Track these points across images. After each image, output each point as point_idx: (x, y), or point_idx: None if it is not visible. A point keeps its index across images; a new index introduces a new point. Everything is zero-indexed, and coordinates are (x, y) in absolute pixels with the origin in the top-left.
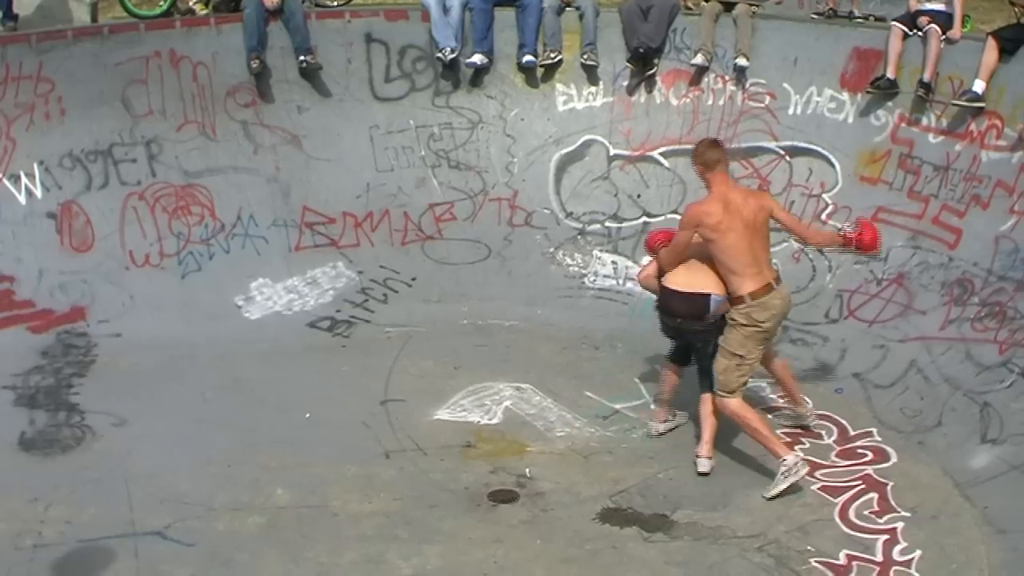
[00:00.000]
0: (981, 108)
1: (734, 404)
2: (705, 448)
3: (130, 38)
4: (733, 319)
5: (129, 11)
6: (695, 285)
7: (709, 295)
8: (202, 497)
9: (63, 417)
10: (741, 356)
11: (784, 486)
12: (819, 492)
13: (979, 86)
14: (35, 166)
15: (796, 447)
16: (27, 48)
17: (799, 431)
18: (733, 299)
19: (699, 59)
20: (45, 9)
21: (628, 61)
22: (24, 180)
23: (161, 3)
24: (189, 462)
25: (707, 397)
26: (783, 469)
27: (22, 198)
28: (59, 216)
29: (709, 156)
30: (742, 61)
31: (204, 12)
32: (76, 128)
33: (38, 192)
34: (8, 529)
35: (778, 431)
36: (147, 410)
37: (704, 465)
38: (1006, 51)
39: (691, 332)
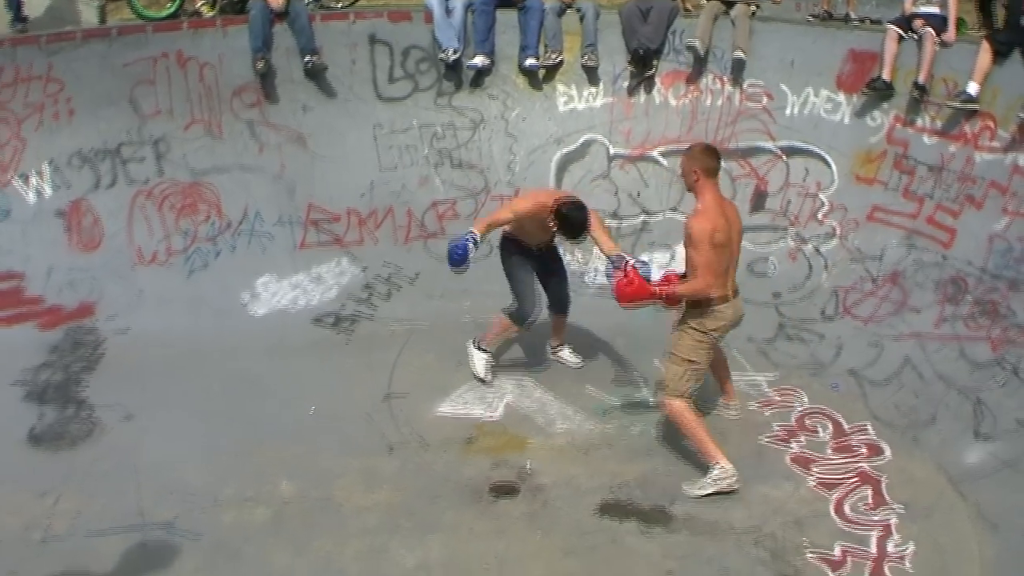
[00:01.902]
0: (975, 110)
1: (678, 405)
2: None
3: (138, 39)
4: (686, 324)
5: (137, 13)
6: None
7: None
8: (209, 489)
9: (72, 411)
10: (692, 362)
11: (710, 490)
12: (814, 486)
13: (973, 88)
14: (44, 165)
15: (792, 441)
16: (37, 49)
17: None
18: (691, 304)
19: (696, 43)
20: (54, 11)
21: (628, 62)
22: (34, 179)
23: (168, 5)
24: (196, 455)
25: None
26: (715, 473)
27: (32, 197)
28: (68, 214)
29: (710, 163)
30: (739, 55)
31: (211, 14)
32: (85, 128)
33: (48, 191)
34: (18, 522)
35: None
36: (155, 404)
37: None
38: (1000, 53)
39: None
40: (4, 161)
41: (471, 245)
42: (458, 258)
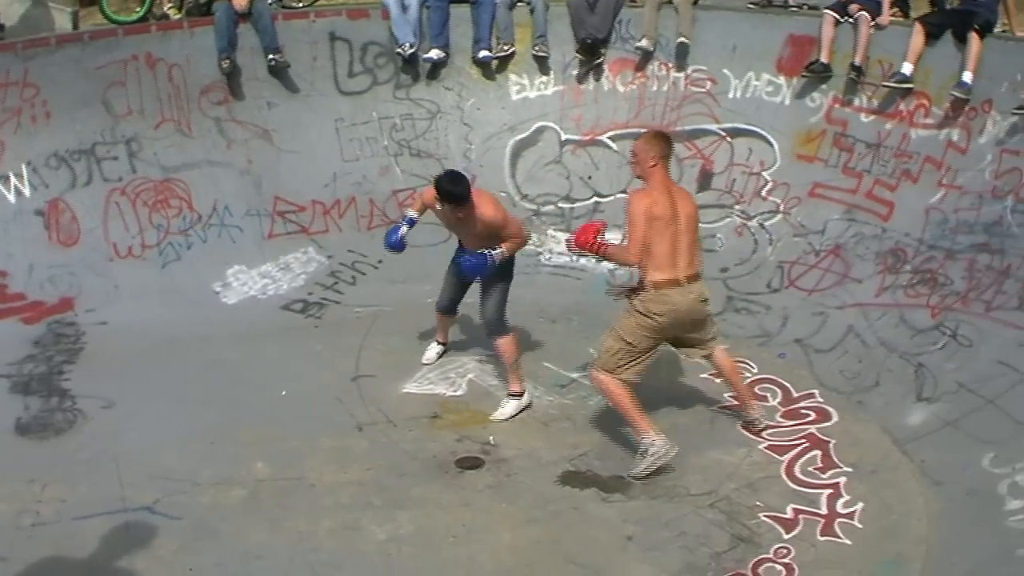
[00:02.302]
0: (910, 89)
1: (603, 378)
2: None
3: (109, 43)
4: (632, 305)
5: (108, 17)
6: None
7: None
8: (187, 473)
9: (55, 402)
10: (629, 344)
11: (646, 464)
12: (766, 451)
13: (907, 68)
14: (23, 167)
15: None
16: (13, 56)
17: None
18: (636, 285)
19: (644, 43)
20: (29, 19)
21: (577, 51)
22: (13, 180)
23: (138, 9)
24: (174, 440)
25: (720, 352)
26: (650, 450)
27: (12, 197)
28: (47, 213)
29: (666, 149)
30: (683, 40)
31: (178, 16)
32: (60, 129)
33: (26, 191)
34: (9, 509)
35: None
36: (133, 392)
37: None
38: (932, 35)
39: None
40: None
41: (404, 227)
42: (392, 241)
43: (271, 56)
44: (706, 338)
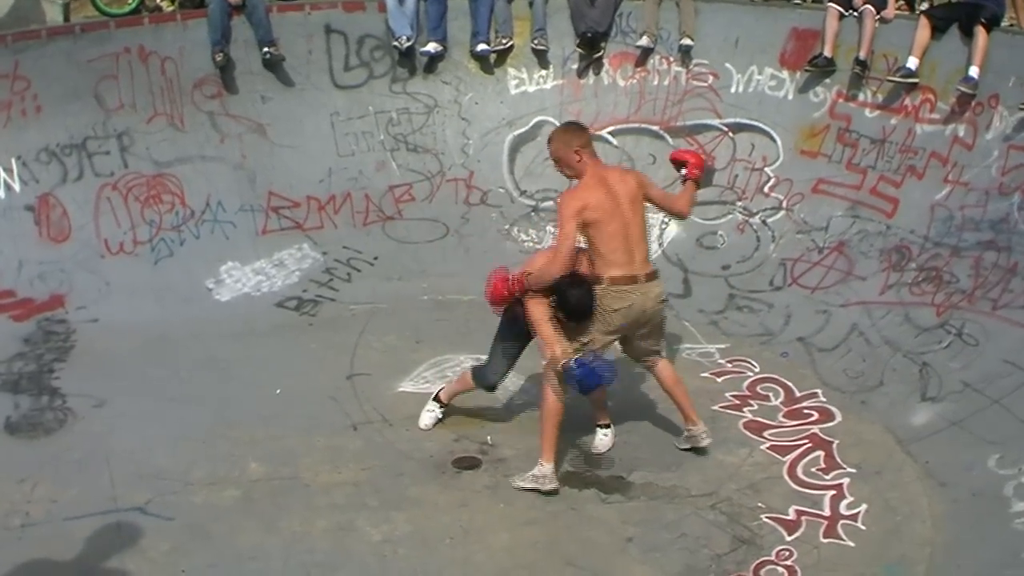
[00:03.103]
0: (915, 83)
1: (551, 383)
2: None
3: (101, 36)
4: None
5: (100, 9)
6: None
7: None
8: (180, 472)
9: (46, 401)
10: (583, 342)
11: (528, 485)
12: (768, 451)
13: (912, 62)
14: (13, 161)
15: (745, 408)
16: (3, 48)
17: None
18: (596, 279)
19: (644, 41)
20: (19, 10)
21: (577, 45)
22: (3, 175)
23: (130, 1)
24: (166, 439)
25: (663, 364)
26: (538, 471)
27: (1, 192)
28: (37, 208)
29: (584, 137)
30: (687, 41)
31: (170, 8)
32: (51, 123)
33: (16, 186)
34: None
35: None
36: (125, 391)
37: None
38: (938, 29)
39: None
40: None
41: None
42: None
43: (266, 49)
44: (652, 348)
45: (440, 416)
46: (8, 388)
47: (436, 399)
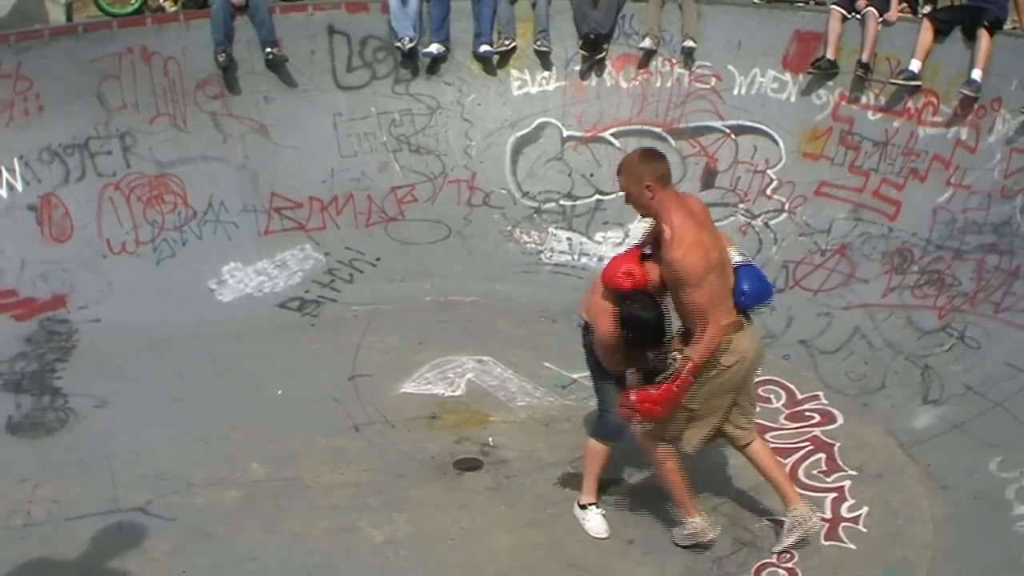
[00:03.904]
0: (918, 86)
1: (659, 452)
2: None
3: (103, 36)
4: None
5: (102, 9)
6: None
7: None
8: (181, 473)
9: (48, 401)
10: (687, 408)
11: (687, 543)
12: None
13: (915, 65)
14: (15, 161)
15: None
16: (5, 48)
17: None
18: (690, 338)
19: (647, 43)
20: (21, 10)
21: (579, 47)
22: (5, 175)
23: (132, 1)
24: (168, 439)
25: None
26: (688, 527)
27: (3, 192)
28: (39, 208)
29: (660, 168)
30: (690, 44)
31: (173, 8)
32: (54, 123)
33: (19, 186)
34: (2, 510)
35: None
36: (127, 391)
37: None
38: (940, 32)
39: None
40: None
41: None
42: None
43: (268, 50)
44: (749, 411)
45: (603, 512)
46: (10, 388)
47: (583, 506)
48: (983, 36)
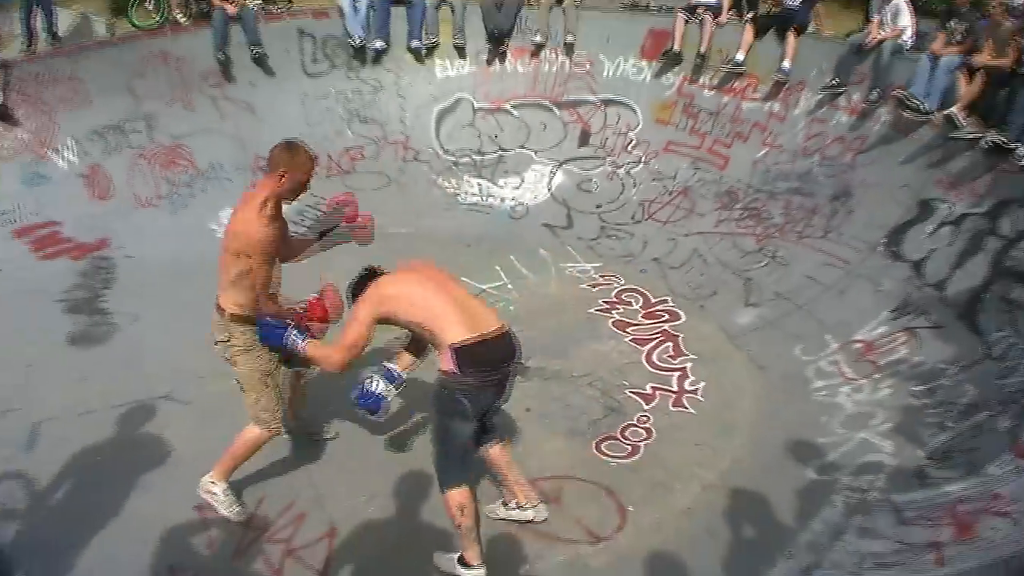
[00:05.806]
0: (742, 72)
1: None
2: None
3: (135, 45)
4: (237, 340)
5: (133, 24)
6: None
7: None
8: (195, 368)
9: (98, 319)
10: (265, 375)
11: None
12: (630, 343)
13: (741, 56)
14: (70, 140)
15: (613, 311)
16: (65, 59)
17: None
18: (242, 318)
19: (538, 38)
20: (76, 28)
21: (487, 41)
22: (64, 151)
23: (156, 18)
24: (185, 343)
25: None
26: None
27: (64, 164)
28: (87, 175)
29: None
30: (570, 38)
31: (186, 22)
32: (98, 111)
33: (75, 159)
34: (68, 401)
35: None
36: (154, 308)
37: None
38: (760, 31)
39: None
40: (44, 140)
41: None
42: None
43: (254, 48)
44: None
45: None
46: (70, 310)
47: (462, 562)
48: (791, 36)
